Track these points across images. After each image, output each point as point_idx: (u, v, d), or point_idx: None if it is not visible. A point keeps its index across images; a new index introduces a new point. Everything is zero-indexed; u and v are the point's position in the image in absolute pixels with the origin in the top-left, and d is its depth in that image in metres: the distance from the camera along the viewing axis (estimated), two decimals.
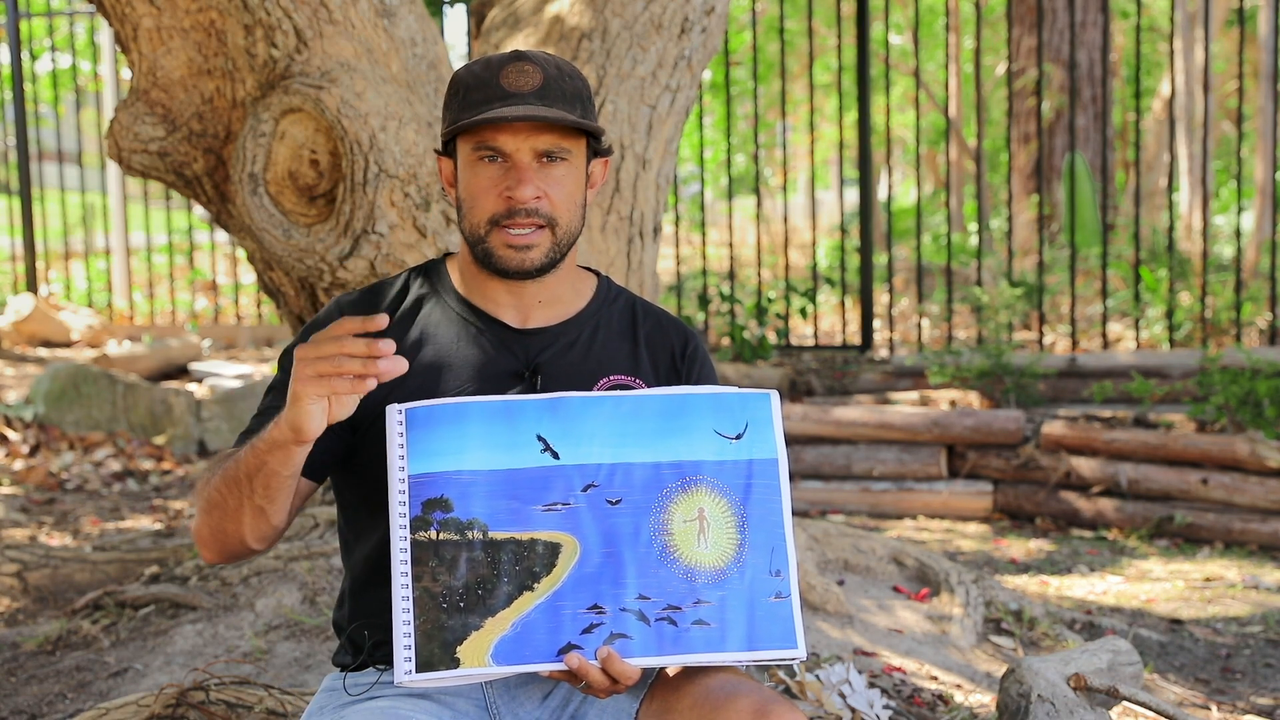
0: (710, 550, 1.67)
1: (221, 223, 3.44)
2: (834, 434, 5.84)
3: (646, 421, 1.70)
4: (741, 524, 1.69)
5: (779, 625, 1.67)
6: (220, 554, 1.80)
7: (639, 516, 1.67)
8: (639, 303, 1.97)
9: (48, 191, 10.63)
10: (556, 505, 1.66)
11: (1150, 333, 7.14)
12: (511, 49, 1.89)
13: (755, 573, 1.68)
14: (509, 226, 1.79)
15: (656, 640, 1.64)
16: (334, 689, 1.85)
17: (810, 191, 7.50)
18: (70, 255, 11.11)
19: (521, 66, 1.79)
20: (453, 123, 1.82)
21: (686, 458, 1.69)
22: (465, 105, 1.81)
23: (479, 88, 1.80)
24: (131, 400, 6.75)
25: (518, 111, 1.75)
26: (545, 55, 1.83)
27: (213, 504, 1.74)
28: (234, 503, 1.72)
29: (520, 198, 1.78)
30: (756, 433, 1.73)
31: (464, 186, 1.83)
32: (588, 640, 1.63)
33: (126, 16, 3.21)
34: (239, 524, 1.73)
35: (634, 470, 1.68)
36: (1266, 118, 8.05)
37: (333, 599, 3.28)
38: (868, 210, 7.21)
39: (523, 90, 1.78)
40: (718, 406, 1.73)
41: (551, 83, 1.79)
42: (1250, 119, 11.70)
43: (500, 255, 1.81)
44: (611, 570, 1.65)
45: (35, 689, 3.10)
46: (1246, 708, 3.45)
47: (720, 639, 1.65)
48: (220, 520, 1.74)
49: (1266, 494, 5.09)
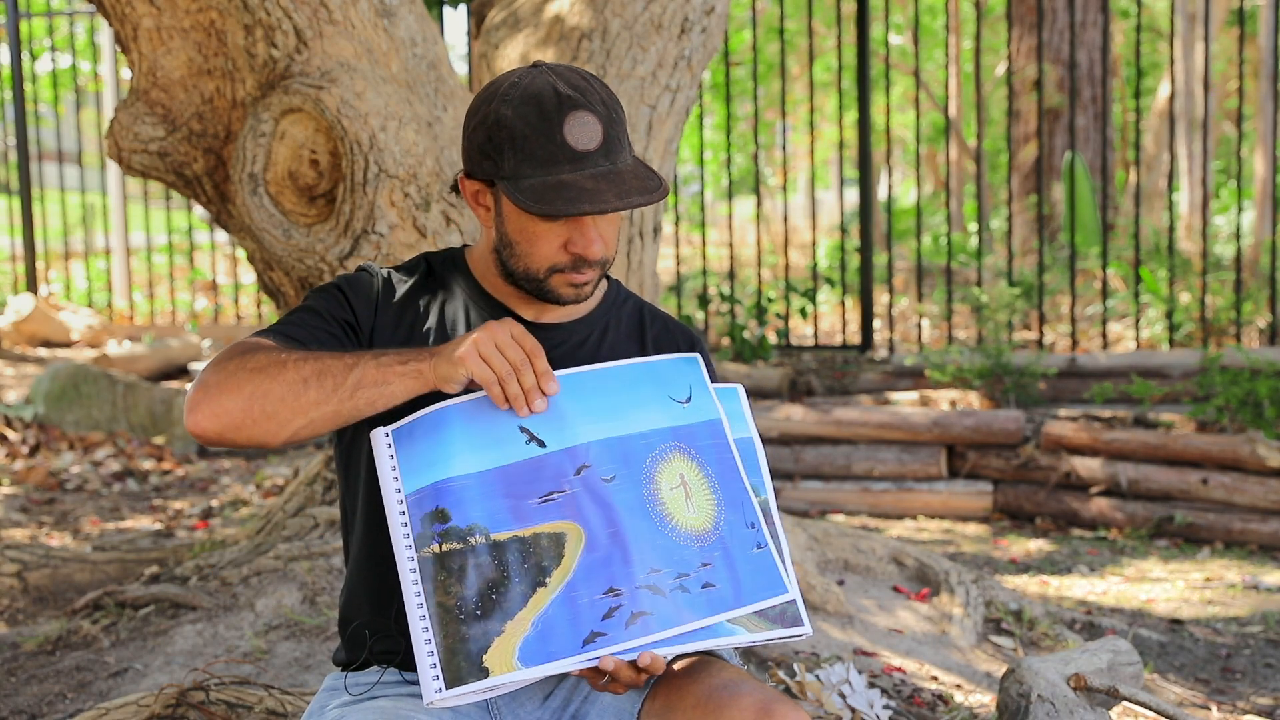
0: (698, 514, 1.68)
1: (221, 223, 3.44)
2: (834, 434, 5.84)
3: (611, 395, 1.70)
4: (713, 484, 1.70)
5: (765, 574, 1.68)
6: (231, 433, 1.67)
7: (633, 490, 1.65)
8: (646, 307, 1.99)
9: (48, 191, 10.63)
10: (553, 495, 1.64)
11: (1150, 333, 7.14)
12: (535, 62, 1.82)
13: (734, 528, 1.69)
14: (573, 275, 1.79)
15: (674, 610, 1.61)
16: (335, 689, 1.85)
17: (810, 191, 7.50)
18: (70, 255, 11.11)
19: (582, 118, 1.73)
20: (513, 175, 1.74)
21: (656, 426, 1.70)
22: (525, 159, 1.73)
23: (538, 141, 1.73)
24: (131, 400, 6.75)
25: (609, 203, 1.71)
26: (589, 89, 1.76)
27: (278, 386, 1.66)
28: (315, 397, 1.66)
29: (591, 256, 1.77)
30: (699, 395, 1.75)
31: (516, 230, 1.79)
32: (610, 626, 1.59)
33: (126, 16, 3.21)
34: (303, 416, 1.67)
35: (618, 444, 1.67)
36: (1266, 118, 8.05)
37: (333, 599, 3.28)
38: (868, 210, 7.21)
39: (589, 150, 1.73)
40: (660, 374, 1.75)
41: (609, 130, 1.75)
42: (1250, 119, 11.69)
43: (560, 294, 1.81)
44: (620, 550, 1.62)
45: (35, 689, 3.10)
46: (1246, 708, 3.45)
47: (726, 598, 1.64)
48: (277, 405, 1.66)
49: (1266, 494, 5.09)
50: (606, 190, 1.72)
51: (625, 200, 1.72)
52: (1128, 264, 7.83)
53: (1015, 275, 7.63)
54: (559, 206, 1.70)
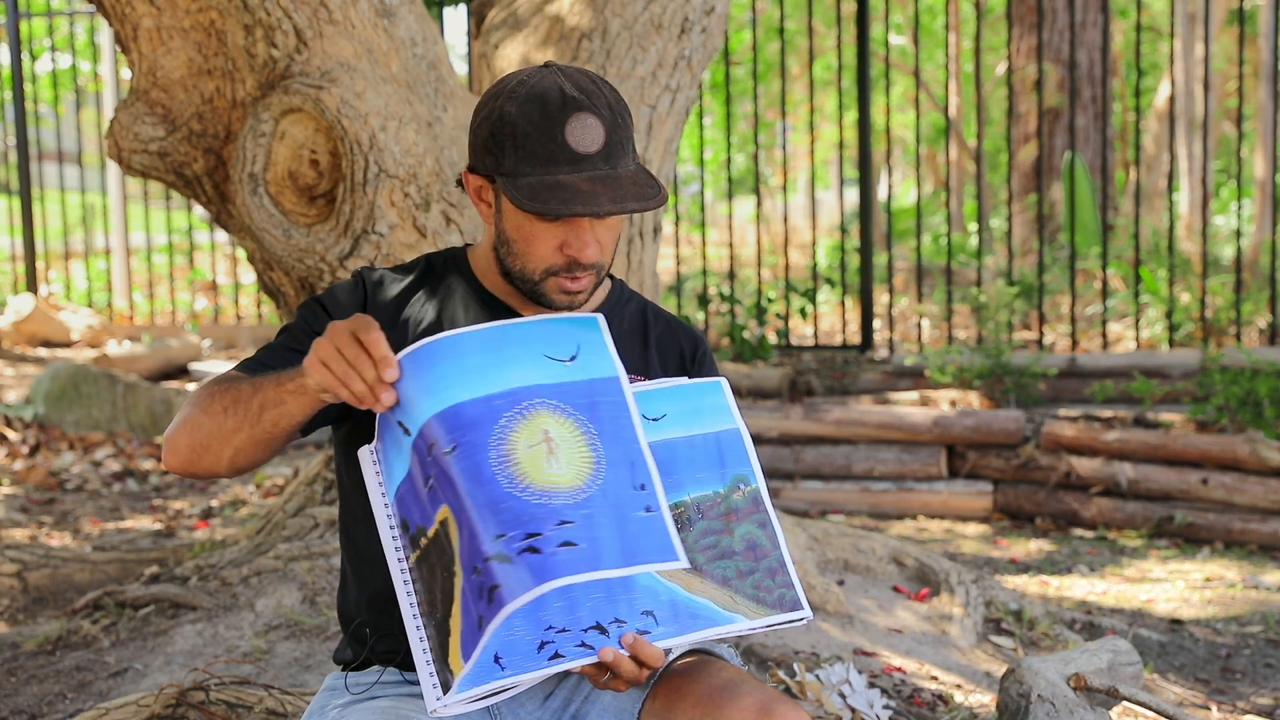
0: (565, 470, 1.60)
1: (221, 223, 3.44)
2: (834, 434, 5.84)
3: (466, 358, 1.63)
4: (592, 441, 1.63)
5: (653, 538, 1.61)
6: (188, 467, 1.76)
7: (474, 456, 1.59)
8: (650, 306, 1.99)
9: (48, 191, 10.63)
10: (429, 481, 1.61)
11: (1150, 333, 7.14)
12: (546, 63, 1.81)
13: (618, 488, 1.62)
14: (568, 279, 1.79)
15: (519, 575, 1.54)
16: (335, 688, 1.85)
17: (810, 191, 7.50)
18: (70, 255, 11.11)
19: (585, 120, 1.73)
20: (513, 173, 1.75)
21: (519, 384, 1.63)
22: (525, 157, 1.74)
23: (540, 139, 1.73)
24: (131, 400, 6.75)
25: (603, 205, 1.71)
26: (596, 93, 1.76)
27: (206, 418, 1.72)
28: (233, 425, 1.70)
29: (585, 259, 1.77)
30: (591, 354, 1.68)
31: (514, 228, 1.79)
32: (485, 607, 1.54)
33: (126, 16, 3.21)
34: (229, 445, 1.71)
35: (453, 413, 1.60)
36: (1266, 118, 8.05)
37: (333, 599, 3.28)
38: (868, 210, 7.20)
39: (590, 153, 1.73)
40: (544, 334, 1.68)
41: (612, 135, 1.75)
42: (1250, 119, 11.69)
43: (553, 299, 1.81)
44: (467, 523, 1.57)
45: (35, 689, 3.10)
46: (1246, 708, 3.45)
47: (593, 558, 1.57)
48: (208, 437, 1.72)
49: (1266, 494, 5.09)
50: (602, 194, 1.72)
51: (620, 205, 1.72)
52: (1128, 264, 7.83)
53: (1015, 275, 7.64)
54: (552, 205, 1.70)
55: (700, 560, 1.68)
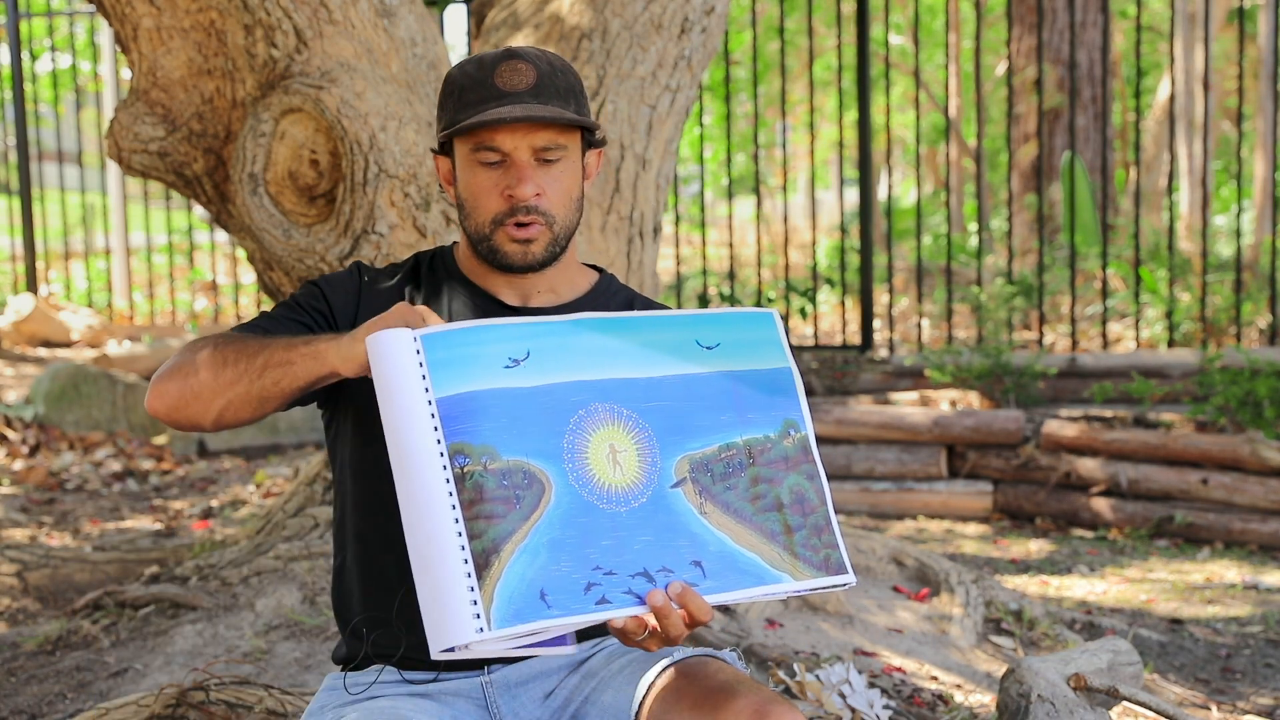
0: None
1: (221, 223, 3.44)
2: (834, 434, 5.84)
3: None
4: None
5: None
6: (172, 413, 1.74)
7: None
8: (638, 298, 2.00)
9: (48, 191, 10.63)
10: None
11: (1150, 333, 7.14)
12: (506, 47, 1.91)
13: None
14: (513, 225, 1.83)
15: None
16: (334, 688, 1.85)
17: (810, 191, 7.50)
18: (70, 255, 11.10)
19: (515, 65, 1.82)
20: (449, 123, 1.85)
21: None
22: (461, 105, 1.83)
23: (474, 87, 1.82)
24: (131, 400, 6.75)
25: (515, 112, 1.78)
26: (538, 52, 1.85)
27: (201, 367, 1.71)
28: (230, 377, 1.70)
29: (521, 195, 1.81)
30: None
31: (464, 186, 1.86)
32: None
33: (126, 16, 3.21)
34: (221, 397, 1.71)
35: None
36: (1266, 118, 8.05)
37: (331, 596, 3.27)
38: (868, 210, 7.21)
39: (518, 89, 1.80)
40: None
41: (545, 79, 1.82)
42: (1250, 119, 11.70)
43: (505, 250, 1.84)
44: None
45: (35, 689, 3.10)
46: (1247, 708, 3.45)
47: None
48: (201, 386, 1.71)
49: (1266, 494, 5.09)
50: (518, 111, 1.78)
51: (528, 111, 1.77)
52: (1128, 264, 7.83)
53: (1015, 275, 7.64)
54: (467, 115, 1.79)
55: (749, 510, 1.61)
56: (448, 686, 1.80)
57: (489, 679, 1.82)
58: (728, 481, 1.61)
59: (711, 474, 1.61)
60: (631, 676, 1.77)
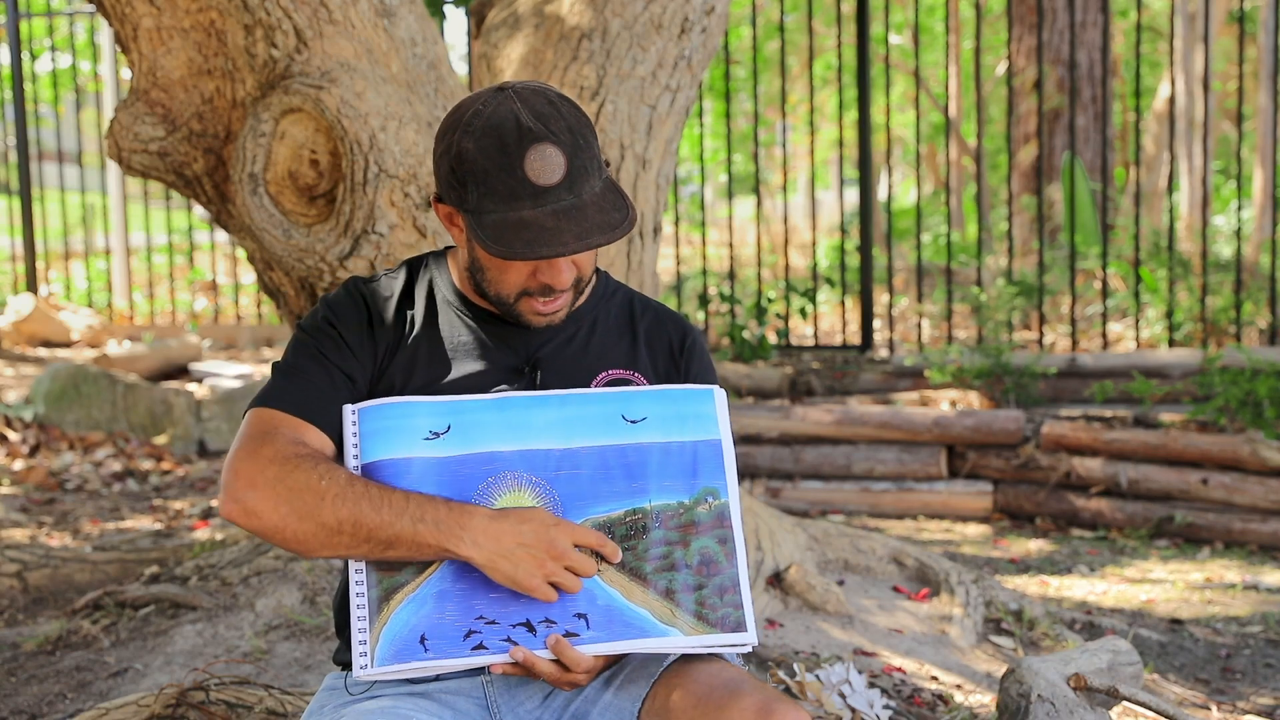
0: None
1: (221, 223, 3.44)
2: (834, 434, 5.84)
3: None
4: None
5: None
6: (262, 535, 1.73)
7: None
8: (637, 298, 1.98)
9: (48, 191, 10.63)
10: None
11: (1150, 333, 7.14)
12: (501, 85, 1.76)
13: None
14: (541, 301, 1.81)
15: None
16: (335, 688, 1.85)
17: (810, 191, 7.50)
18: (70, 255, 11.11)
19: (543, 151, 1.71)
20: (477, 210, 1.74)
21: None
22: (487, 193, 1.73)
23: (500, 176, 1.72)
24: (131, 400, 6.75)
25: (567, 243, 1.70)
26: (553, 117, 1.74)
27: (308, 521, 1.69)
28: (347, 543, 1.69)
29: (560, 285, 1.79)
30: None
31: (486, 257, 1.80)
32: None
33: (126, 16, 3.21)
34: (327, 549, 1.71)
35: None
36: (1266, 118, 8.05)
37: (333, 600, 3.27)
38: (868, 210, 7.20)
39: (552, 184, 1.71)
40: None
41: (574, 161, 1.73)
42: (1250, 119, 11.69)
43: (528, 319, 1.83)
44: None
45: (35, 689, 3.10)
46: (1247, 708, 3.45)
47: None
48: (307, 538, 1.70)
49: (1266, 494, 5.09)
50: (567, 230, 1.71)
51: (584, 241, 1.72)
52: (1128, 264, 7.83)
53: (1015, 275, 7.64)
54: (517, 249, 1.71)
55: (646, 570, 1.71)
56: (448, 686, 1.80)
57: (489, 679, 1.81)
58: (629, 543, 1.73)
59: (614, 535, 1.72)
60: (633, 676, 1.77)
